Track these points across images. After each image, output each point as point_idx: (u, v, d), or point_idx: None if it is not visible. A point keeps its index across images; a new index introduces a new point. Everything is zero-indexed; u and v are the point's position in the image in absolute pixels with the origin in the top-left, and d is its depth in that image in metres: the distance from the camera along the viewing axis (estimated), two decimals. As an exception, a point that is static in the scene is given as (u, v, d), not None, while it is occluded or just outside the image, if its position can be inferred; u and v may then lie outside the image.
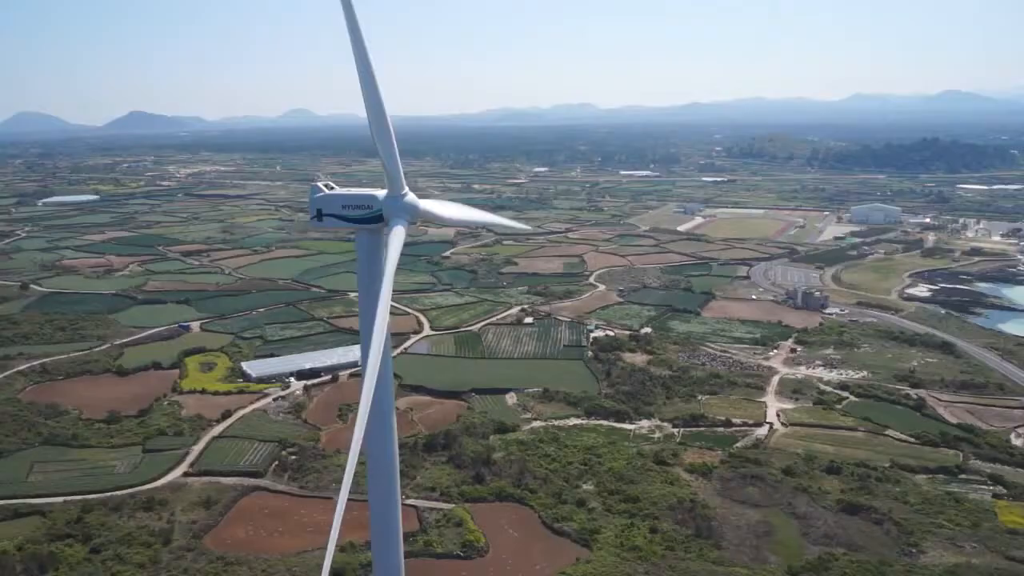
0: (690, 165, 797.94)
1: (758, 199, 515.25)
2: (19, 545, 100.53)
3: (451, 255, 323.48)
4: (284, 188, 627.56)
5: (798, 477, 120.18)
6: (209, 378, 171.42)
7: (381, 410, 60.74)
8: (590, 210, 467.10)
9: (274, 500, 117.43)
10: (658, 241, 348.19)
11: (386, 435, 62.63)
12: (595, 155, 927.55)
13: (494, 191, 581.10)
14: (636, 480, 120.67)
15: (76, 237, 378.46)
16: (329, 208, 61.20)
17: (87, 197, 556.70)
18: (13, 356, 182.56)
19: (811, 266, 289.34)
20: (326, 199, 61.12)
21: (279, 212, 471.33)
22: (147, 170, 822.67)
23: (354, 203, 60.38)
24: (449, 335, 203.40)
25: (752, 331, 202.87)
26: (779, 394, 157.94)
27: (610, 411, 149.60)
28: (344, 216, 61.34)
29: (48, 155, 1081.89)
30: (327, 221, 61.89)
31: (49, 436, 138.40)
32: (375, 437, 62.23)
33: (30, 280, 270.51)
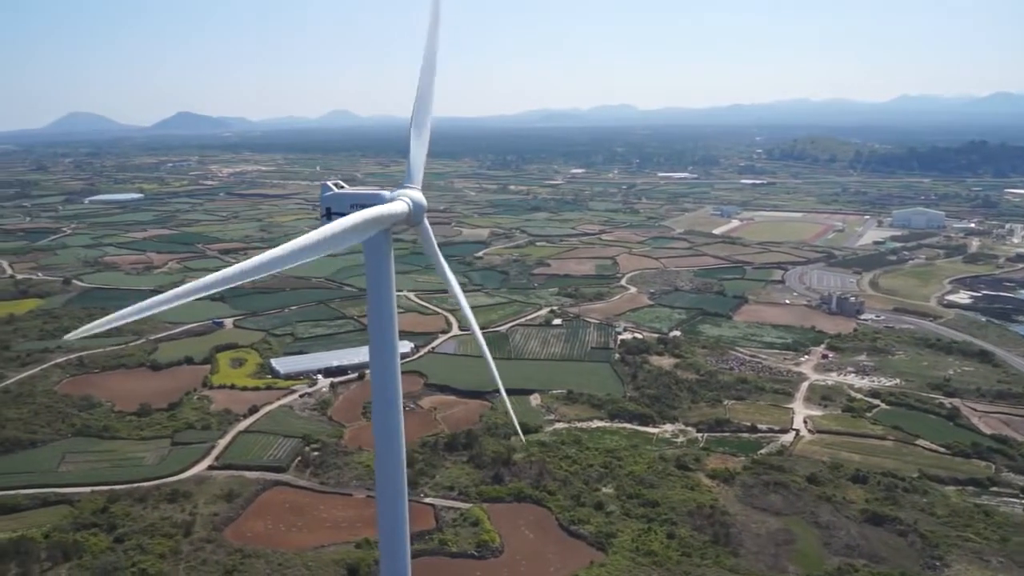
0: (729, 167, 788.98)
1: (797, 202, 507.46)
2: (46, 533, 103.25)
3: (484, 255, 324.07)
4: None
5: (822, 485, 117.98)
6: (239, 374, 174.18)
7: (388, 407, 61.04)
8: (625, 212, 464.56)
9: (295, 495, 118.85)
10: (692, 244, 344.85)
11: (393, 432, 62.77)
12: (633, 157, 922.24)
13: (530, 192, 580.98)
14: (656, 484, 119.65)
15: (119, 234, 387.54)
16: (338, 207, 61.38)
17: (132, 196, 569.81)
18: (52, 349, 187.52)
19: (848, 271, 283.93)
20: (335, 198, 61.47)
21: (316, 212, 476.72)
22: (191, 169, 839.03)
23: (361, 202, 60.27)
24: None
25: (784, 336, 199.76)
26: (808, 400, 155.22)
27: (634, 414, 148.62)
28: (352, 216, 60.99)
29: (97, 154, 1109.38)
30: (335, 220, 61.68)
31: (82, 427, 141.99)
32: (382, 434, 62.56)
33: (73, 276, 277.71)
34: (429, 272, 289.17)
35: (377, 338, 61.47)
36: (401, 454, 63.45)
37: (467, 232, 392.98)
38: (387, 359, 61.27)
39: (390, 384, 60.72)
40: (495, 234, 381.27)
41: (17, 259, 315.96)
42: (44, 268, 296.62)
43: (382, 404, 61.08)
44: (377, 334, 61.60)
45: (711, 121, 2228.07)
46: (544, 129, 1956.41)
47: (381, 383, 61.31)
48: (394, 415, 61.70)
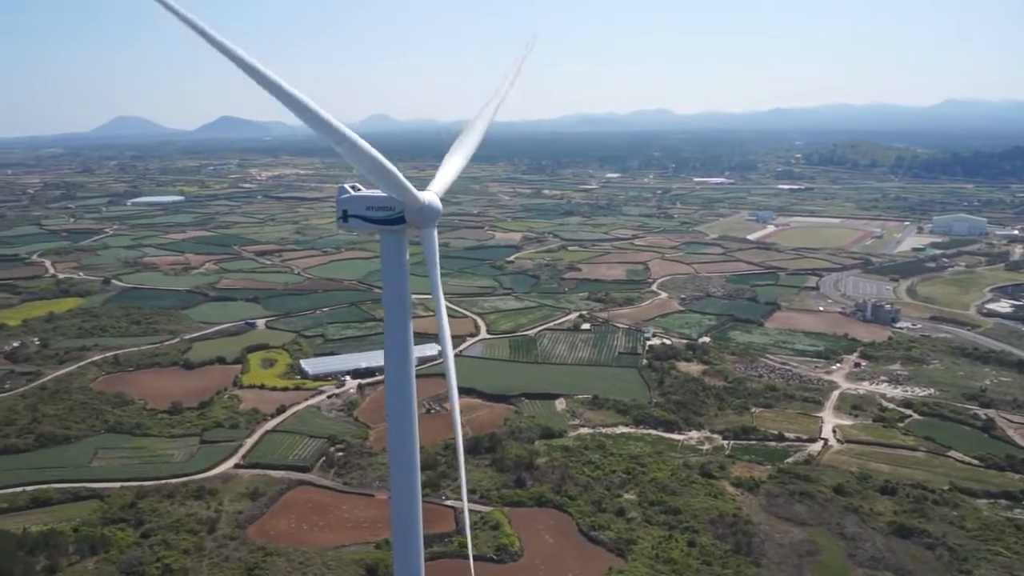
0: (767, 172, 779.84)
1: (835, 208, 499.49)
2: (75, 527, 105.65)
3: (515, 259, 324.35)
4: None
5: (849, 496, 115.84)
6: (269, 374, 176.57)
7: (402, 409, 61.37)
8: (659, 217, 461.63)
9: (318, 495, 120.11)
10: (726, 249, 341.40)
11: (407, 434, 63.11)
12: (669, 161, 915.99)
13: (564, 196, 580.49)
14: (679, 492, 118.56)
15: (159, 236, 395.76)
16: (355, 209, 61.55)
17: (173, 198, 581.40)
18: (90, 347, 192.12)
19: (885, 278, 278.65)
20: (352, 200, 61.61)
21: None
22: (231, 173, 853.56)
23: (377, 205, 60.51)
24: (505, 339, 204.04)
25: (816, 344, 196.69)
26: (837, 410, 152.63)
27: (659, 420, 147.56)
28: (368, 217, 61.40)
29: (141, 157, 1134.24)
30: (352, 222, 62.14)
31: (115, 424, 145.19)
32: (396, 436, 62.84)
33: (112, 276, 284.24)
34: (459, 276, 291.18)
35: (392, 339, 61.59)
36: (415, 455, 63.70)
37: (500, 236, 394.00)
38: (401, 360, 61.49)
39: (404, 384, 60.91)
40: (527, 238, 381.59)
41: (60, 259, 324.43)
42: (85, 268, 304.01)
43: (396, 404, 61.23)
44: (392, 335, 61.70)
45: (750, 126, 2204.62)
46: (580, 133, 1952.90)
47: (396, 383, 61.50)
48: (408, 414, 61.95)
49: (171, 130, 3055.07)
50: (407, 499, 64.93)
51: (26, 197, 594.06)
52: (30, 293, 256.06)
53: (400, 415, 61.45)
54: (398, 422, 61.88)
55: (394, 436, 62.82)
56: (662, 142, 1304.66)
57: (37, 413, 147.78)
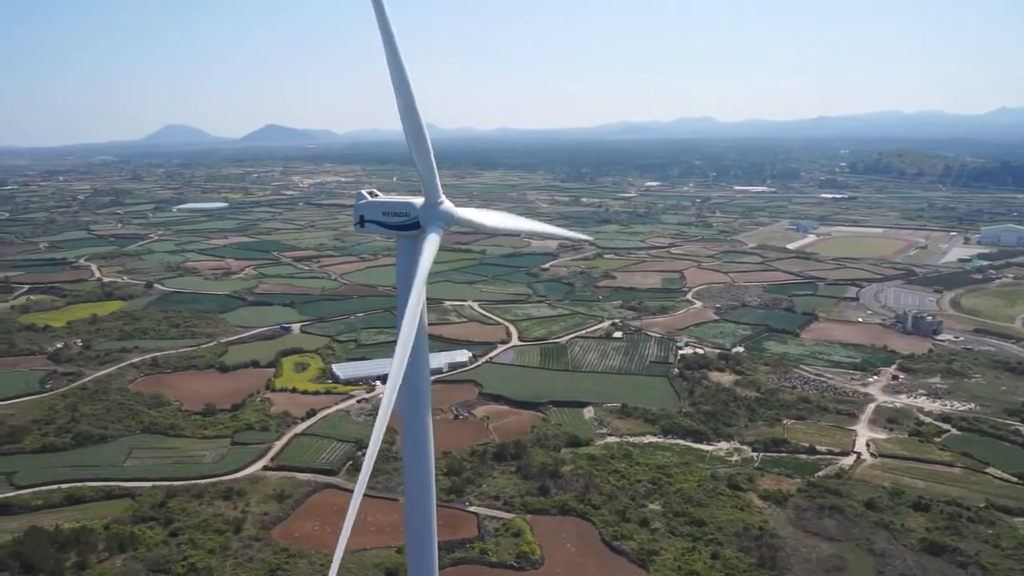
0: (810, 181, 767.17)
1: (879, 217, 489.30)
2: (106, 524, 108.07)
3: (550, 267, 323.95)
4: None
5: (880, 512, 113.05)
6: (301, 378, 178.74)
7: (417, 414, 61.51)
8: (698, 225, 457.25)
9: (343, 498, 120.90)
10: (764, 259, 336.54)
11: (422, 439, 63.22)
12: (710, 170, 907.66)
13: (602, 204, 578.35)
14: (705, 503, 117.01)
15: (202, 241, 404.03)
16: (371, 215, 61.69)
17: (217, 204, 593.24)
18: (130, 349, 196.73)
19: (928, 289, 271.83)
20: (369, 206, 61.67)
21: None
22: (274, 180, 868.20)
23: (393, 210, 60.65)
24: (536, 346, 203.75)
25: (853, 355, 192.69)
26: (872, 423, 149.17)
27: (688, 430, 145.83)
28: (384, 223, 61.63)
29: (188, 165, 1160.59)
30: (368, 227, 62.41)
31: (150, 425, 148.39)
32: (411, 441, 62.97)
33: (155, 280, 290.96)
34: (494, 283, 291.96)
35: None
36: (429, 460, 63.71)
37: (536, 244, 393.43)
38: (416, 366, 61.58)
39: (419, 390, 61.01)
40: (563, 246, 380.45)
41: (106, 263, 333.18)
42: (130, 272, 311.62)
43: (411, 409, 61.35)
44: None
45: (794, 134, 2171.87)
46: (621, 142, 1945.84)
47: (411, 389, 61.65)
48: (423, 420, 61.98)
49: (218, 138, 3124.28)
50: (421, 504, 64.96)
51: (77, 203, 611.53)
52: (76, 296, 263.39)
53: (415, 420, 61.51)
54: (413, 427, 61.95)
55: (409, 441, 62.96)
56: (704, 150, 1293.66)
57: (76, 413, 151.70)
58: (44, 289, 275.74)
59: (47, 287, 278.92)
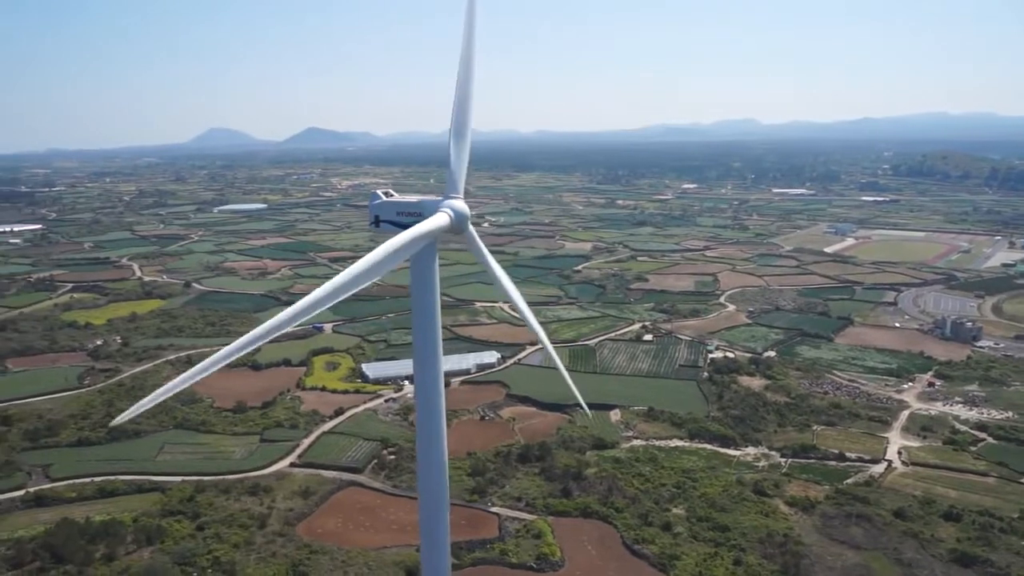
0: (850, 184, 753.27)
1: (921, 221, 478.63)
2: (135, 517, 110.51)
3: (582, 269, 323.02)
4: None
5: (910, 521, 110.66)
6: (331, 377, 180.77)
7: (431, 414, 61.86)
8: (734, 228, 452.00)
9: (367, 496, 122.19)
10: (800, 262, 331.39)
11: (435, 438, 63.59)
12: (749, 172, 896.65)
13: (637, 207, 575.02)
14: (729, 508, 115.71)
15: (241, 242, 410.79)
16: (386, 215, 62.27)
17: (256, 206, 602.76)
18: (166, 347, 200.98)
19: (970, 294, 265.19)
20: (383, 206, 62.26)
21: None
22: (313, 182, 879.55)
23: (407, 210, 61.19)
24: (565, 348, 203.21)
25: (888, 361, 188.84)
26: (905, 430, 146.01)
27: (715, 435, 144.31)
28: (398, 222, 62.08)
29: (230, 167, 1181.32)
30: (384, 227, 62.95)
31: (182, 421, 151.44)
32: (424, 440, 63.40)
33: (193, 279, 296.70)
34: (526, 284, 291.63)
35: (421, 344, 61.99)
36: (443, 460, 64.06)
37: (569, 246, 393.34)
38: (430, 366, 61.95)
39: (433, 390, 61.37)
40: (597, 248, 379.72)
41: (147, 262, 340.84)
42: (169, 271, 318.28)
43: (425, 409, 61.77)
44: (421, 343, 62.10)
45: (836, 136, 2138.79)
46: (660, 144, 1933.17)
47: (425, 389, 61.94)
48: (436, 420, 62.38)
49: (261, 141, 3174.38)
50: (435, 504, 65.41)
51: (122, 204, 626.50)
52: (116, 294, 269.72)
53: (429, 420, 61.95)
54: (427, 427, 62.43)
55: (423, 441, 63.43)
56: (743, 152, 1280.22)
57: (111, 408, 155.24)
58: (87, 287, 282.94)
59: (90, 285, 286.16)
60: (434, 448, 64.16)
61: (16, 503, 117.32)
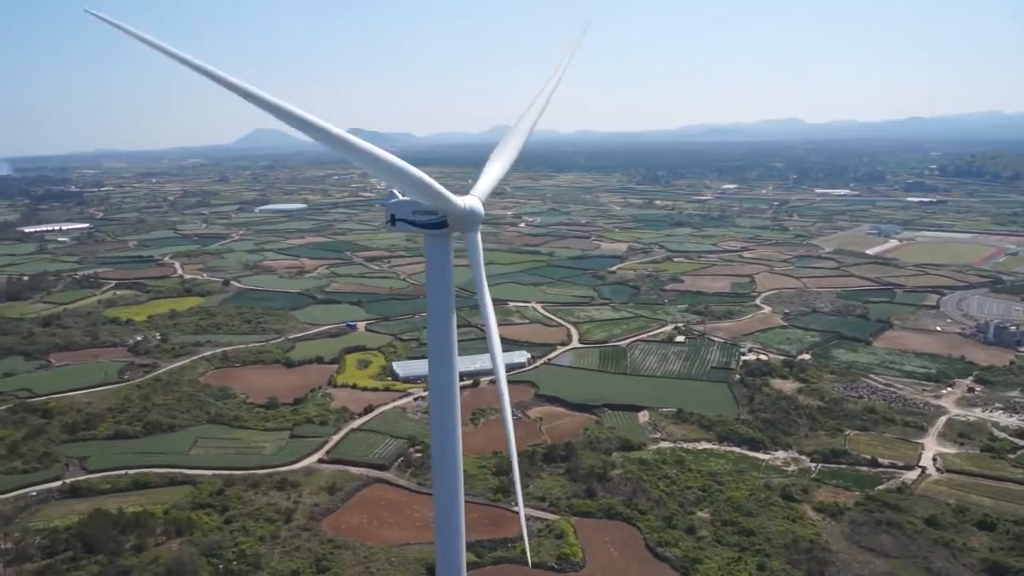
0: (895, 184, 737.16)
1: (968, 222, 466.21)
2: (166, 509, 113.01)
3: (617, 270, 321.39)
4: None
5: (942, 529, 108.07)
6: (362, 375, 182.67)
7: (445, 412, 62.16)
8: (773, 229, 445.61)
9: (392, 493, 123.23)
10: (840, 264, 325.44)
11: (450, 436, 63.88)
12: (790, 172, 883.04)
13: (675, 207, 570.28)
14: (755, 513, 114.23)
15: (280, 241, 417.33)
16: (401, 213, 62.99)
17: (296, 205, 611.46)
18: (203, 343, 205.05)
19: (1016, 298, 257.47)
20: (398, 205, 63.08)
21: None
22: (352, 182, 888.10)
23: (422, 209, 61.75)
24: (595, 349, 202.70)
25: (927, 365, 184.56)
26: (942, 436, 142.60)
27: (744, 438, 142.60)
28: (413, 221, 62.73)
29: (272, 168, 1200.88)
30: (399, 226, 63.62)
31: (216, 416, 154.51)
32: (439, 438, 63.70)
33: (232, 277, 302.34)
34: (559, 285, 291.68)
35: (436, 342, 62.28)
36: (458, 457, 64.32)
37: (605, 246, 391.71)
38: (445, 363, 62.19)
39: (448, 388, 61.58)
40: (633, 249, 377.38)
41: (188, 261, 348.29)
42: (209, 270, 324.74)
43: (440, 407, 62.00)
44: (436, 338, 62.44)
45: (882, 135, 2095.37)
46: (700, 144, 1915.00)
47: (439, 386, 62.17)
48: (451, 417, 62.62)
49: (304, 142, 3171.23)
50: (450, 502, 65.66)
51: (166, 204, 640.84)
52: (157, 291, 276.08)
53: (443, 418, 62.23)
54: (441, 425, 62.72)
55: (438, 438, 63.75)
56: (786, 152, 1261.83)
57: (148, 403, 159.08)
58: (129, 285, 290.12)
59: (132, 283, 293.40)
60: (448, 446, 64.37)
61: (53, 494, 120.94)
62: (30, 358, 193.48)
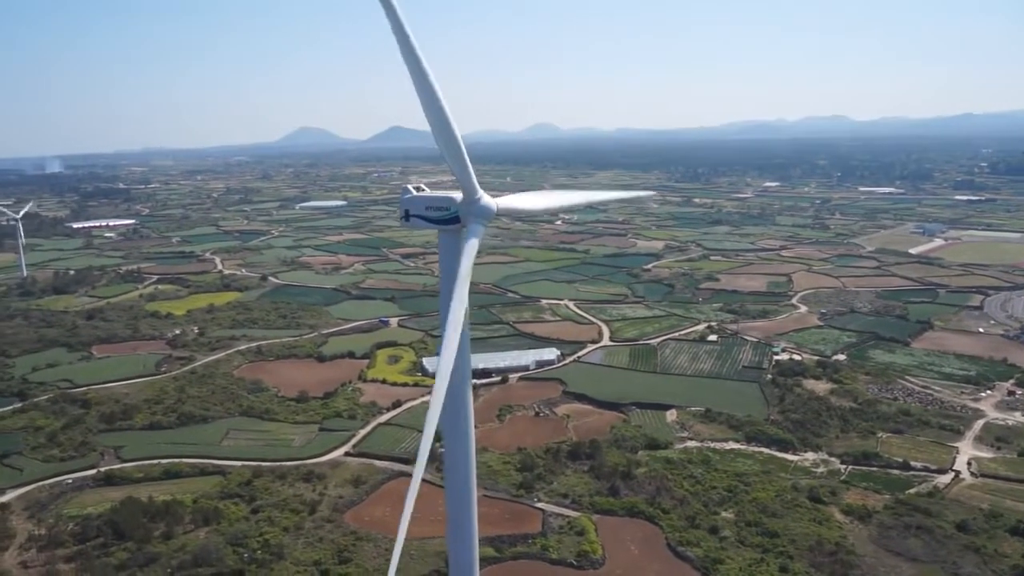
0: (943, 182, 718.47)
1: (1018, 222, 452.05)
2: (195, 499, 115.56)
3: (652, 268, 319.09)
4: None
5: (973, 535, 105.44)
6: (392, 370, 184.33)
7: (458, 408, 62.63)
8: (814, 228, 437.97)
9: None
10: (881, 263, 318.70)
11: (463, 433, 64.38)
12: (834, 170, 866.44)
13: (714, 205, 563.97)
14: (780, 514, 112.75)
15: (318, 237, 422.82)
16: (415, 209, 63.42)
17: (336, 202, 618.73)
18: (239, 337, 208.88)
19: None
20: (413, 201, 63.46)
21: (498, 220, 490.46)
22: (392, 179, 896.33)
23: (435, 205, 62.20)
24: (626, 347, 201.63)
25: (967, 368, 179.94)
26: (978, 440, 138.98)
27: (773, 439, 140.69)
28: (426, 217, 63.18)
29: (314, 165, 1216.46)
30: (413, 221, 64.09)
31: (247, 408, 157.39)
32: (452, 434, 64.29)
33: (269, 273, 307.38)
34: (593, 283, 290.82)
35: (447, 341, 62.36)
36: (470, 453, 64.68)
37: (641, 244, 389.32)
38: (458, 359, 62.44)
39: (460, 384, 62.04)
40: (669, 247, 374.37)
41: (228, 256, 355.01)
42: (248, 265, 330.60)
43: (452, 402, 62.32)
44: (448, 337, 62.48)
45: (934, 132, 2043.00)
46: (743, 141, 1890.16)
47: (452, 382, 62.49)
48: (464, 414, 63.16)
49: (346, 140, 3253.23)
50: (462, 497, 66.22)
51: (210, 200, 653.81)
52: (197, 286, 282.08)
53: (456, 414, 62.70)
54: (454, 421, 63.20)
55: (450, 435, 64.34)
56: (831, 150, 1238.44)
57: (183, 394, 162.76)
58: (171, 279, 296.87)
59: (173, 277, 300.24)
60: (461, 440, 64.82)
61: (88, 482, 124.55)
62: (73, 350, 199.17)
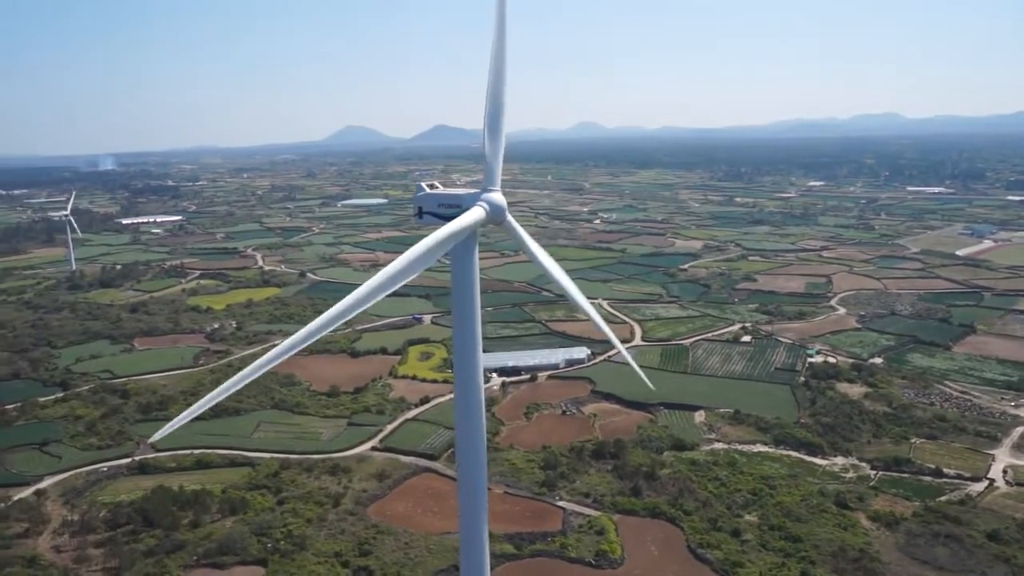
0: (996, 182, 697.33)
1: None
2: (223, 489, 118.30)
3: (689, 268, 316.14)
4: (549, 197, 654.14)
5: (1004, 545, 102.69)
6: (423, 366, 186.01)
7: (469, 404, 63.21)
8: (857, 228, 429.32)
9: (438, 482, 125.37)
10: (926, 265, 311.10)
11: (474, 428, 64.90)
12: (882, 169, 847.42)
13: (755, 205, 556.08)
14: (805, 519, 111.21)
15: (358, 235, 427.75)
16: (428, 206, 64.38)
17: (377, 200, 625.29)
18: (275, 332, 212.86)
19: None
20: (426, 198, 64.34)
21: (536, 219, 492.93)
22: (434, 176, 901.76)
23: (448, 202, 63.05)
24: (658, 347, 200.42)
25: (1008, 373, 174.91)
26: (1016, 448, 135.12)
27: (801, 442, 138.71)
28: (439, 214, 64.03)
29: (358, 163, 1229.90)
30: (426, 218, 64.96)
31: (279, 401, 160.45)
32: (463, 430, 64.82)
33: (308, 269, 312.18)
34: (628, 282, 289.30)
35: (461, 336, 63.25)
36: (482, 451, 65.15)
37: (680, 244, 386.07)
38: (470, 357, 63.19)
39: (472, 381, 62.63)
40: (708, 247, 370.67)
41: (270, 253, 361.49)
42: (288, 262, 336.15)
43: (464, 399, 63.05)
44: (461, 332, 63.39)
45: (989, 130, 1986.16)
46: (789, 140, 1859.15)
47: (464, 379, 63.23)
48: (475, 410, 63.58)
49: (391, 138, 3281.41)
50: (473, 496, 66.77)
51: (255, 198, 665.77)
52: (237, 281, 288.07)
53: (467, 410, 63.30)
54: (465, 417, 63.78)
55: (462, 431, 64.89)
56: (879, 148, 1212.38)
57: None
58: (212, 275, 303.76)
59: (215, 273, 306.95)
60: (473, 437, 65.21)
61: (122, 470, 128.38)
62: (115, 342, 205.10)
